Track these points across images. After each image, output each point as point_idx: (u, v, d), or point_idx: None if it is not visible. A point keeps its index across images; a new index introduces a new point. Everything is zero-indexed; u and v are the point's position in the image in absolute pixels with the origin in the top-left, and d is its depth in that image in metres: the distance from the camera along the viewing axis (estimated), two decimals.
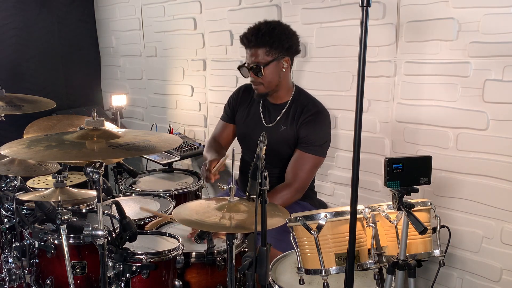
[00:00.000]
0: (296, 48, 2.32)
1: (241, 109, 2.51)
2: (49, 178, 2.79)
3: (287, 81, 2.35)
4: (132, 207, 2.52)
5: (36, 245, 2.01)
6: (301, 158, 2.29)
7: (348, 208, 1.44)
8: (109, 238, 1.72)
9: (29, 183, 2.78)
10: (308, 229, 1.58)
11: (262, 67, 2.22)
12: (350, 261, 1.37)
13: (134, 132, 1.87)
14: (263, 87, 2.29)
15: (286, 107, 2.36)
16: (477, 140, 2.20)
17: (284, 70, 2.29)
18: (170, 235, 2.08)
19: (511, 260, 2.17)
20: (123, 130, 1.94)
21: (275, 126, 2.36)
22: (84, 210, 2.30)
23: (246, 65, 2.28)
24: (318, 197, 2.63)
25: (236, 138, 2.60)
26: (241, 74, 2.32)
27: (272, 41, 2.21)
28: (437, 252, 1.71)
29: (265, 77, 2.24)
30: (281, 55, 2.24)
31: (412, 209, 1.59)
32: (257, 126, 2.41)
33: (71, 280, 1.86)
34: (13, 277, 2.20)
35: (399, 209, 1.60)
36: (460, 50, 2.18)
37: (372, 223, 1.63)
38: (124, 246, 1.80)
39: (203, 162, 2.39)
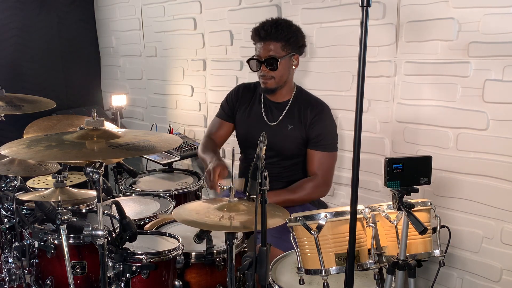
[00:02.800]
0: (304, 48, 2.35)
1: (241, 108, 2.49)
2: (49, 178, 2.78)
3: (292, 79, 2.37)
4: (133, 207, 2.53)
5: (36, 245, 2.01)
6: (319, 158, 2.31)
7: (348, 208, 1.44)
8: (109, 238, 1.72)
9: (29, 183, 2.78)
10: (308, 229, 1.57)
11: (278, 60, 2.22)
12: (350, 261, 1.37)
13: (134, 132, 1.87)
14: (273, 82, 2.28)
15: (288, 105, 2.36)
16: (477, 140, 2.20)
17: (293, 67, 2.31)
18: (170, 235, 2.08)
19: (511, 260, 2.17)
20: (123, 130, 1.94)
21: (280, 124, 2.35)
22: (84, 210, 2.30)
23: (257, 58, 2.26)
24: None
25: (233, 137, 2.59)
26: (250, 67, 2.30)
27: (289, 36, 2.22)
28: (437, 252, 1.71)
29: (278, 71, 2.25)
30: (293, 52, 2.26)
31: (412, 209, 1.59)
32: (260, 125, 2.39)
33: (71, 280, 1.86)
34: (13, 277, 2.20)
35: (399, 209, 1.60)
36: (460, 50, 2.18)
37: (372, 223, 1.63)
38: (124, 246, 1.80)
39: (205, 169, 2.30)
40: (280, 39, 2.21)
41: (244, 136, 2.50)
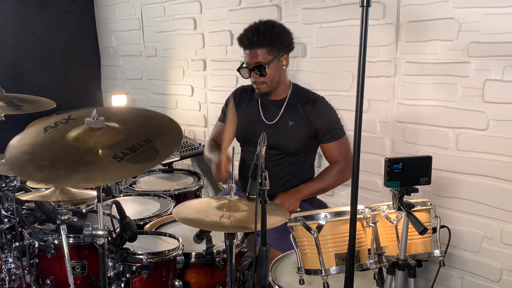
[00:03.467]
0: (292, 45, 2.34)
1: (239, 109, 2.48)
2: None
3: (285, 78, 2.37)
4: (133, 207, 2.53)
5: (36, 245, 2.01)
6: (335, 147, 2.34)
7: (348, 208, 1.44)
8: (109, 238, 1.72)
9: (29, 183, 2.78)
10: (308, 229, 1.57)
11: (265, 66, 2.23)
12: (350, 261, 1.37)
13: None
14: (266, 86, 2.29)
15: (286, 103, 2.36)
16: (477, 140, 2.20)
17: (284, 67, 2.31)
18: (170, 235, 2.08)
19: (511, 260, 2.17)
20: None
21: (280, 122, 2.35)
22: (84, 210, 2.30)
23: (246, 66, 2.27)
24: (318, 197, 2.63)
25: (235, 139, 2.59)
26: (241, 75, 2.31)
27: (273, 40, 2.21)
28: (437, 252, 1.71)
29: (268, 76, 2.25)
30: (280, 53, 2.26)
31: (412, 209, 1.59)
32: (258, 124, 2.39)
33: (71, 280, 1.86)
34: (13, 277, 2.20)
35: (399, 209, 1.60)
36: (460, 50, 2.18)
37: (372, 223, 1.63)
38: (124, 246, 1.80)
39: (211, 166, 2.33)
40: (264, 44, 2.21)
41: (242, 136, 2.49)
